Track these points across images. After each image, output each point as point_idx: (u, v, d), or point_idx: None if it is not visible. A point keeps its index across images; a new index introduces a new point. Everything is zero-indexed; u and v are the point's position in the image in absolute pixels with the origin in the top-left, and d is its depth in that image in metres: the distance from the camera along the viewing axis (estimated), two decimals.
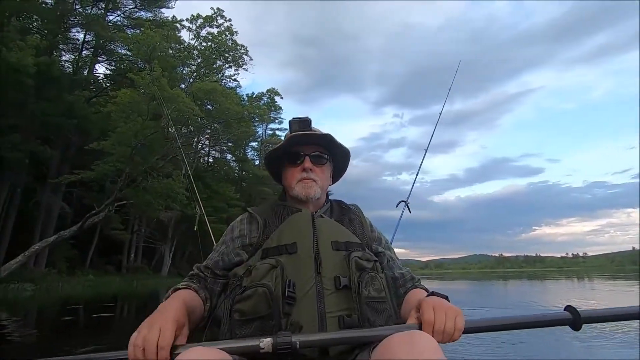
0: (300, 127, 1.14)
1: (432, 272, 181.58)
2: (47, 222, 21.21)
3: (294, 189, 1.13)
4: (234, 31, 20.47)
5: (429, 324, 0.77)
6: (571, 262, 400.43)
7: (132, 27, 24.53)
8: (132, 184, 17.33)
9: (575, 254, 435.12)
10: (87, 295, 13.44)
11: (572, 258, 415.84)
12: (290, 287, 0.88)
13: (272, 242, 1.00)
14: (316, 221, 1.04)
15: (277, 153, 1.19)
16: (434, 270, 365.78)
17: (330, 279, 0.92)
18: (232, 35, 20.60)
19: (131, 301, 11.26)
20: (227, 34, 20.37)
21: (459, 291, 14.08)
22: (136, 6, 25.32)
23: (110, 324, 6.23)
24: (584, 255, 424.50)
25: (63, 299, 11.69)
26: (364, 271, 0.95)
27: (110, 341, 4.36)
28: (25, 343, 4.33)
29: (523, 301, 9.07)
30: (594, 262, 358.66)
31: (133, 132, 14.54)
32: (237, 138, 23.35)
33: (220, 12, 20.20)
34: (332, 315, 0.88)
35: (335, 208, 1.20)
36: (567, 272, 67.59)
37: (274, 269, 0.91)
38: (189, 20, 21.01)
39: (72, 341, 4.41)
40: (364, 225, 1.15)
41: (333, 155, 1.22)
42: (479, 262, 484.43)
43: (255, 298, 0.88)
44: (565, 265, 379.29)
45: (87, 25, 22.06)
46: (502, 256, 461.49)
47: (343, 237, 1.04)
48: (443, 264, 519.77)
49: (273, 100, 28.78)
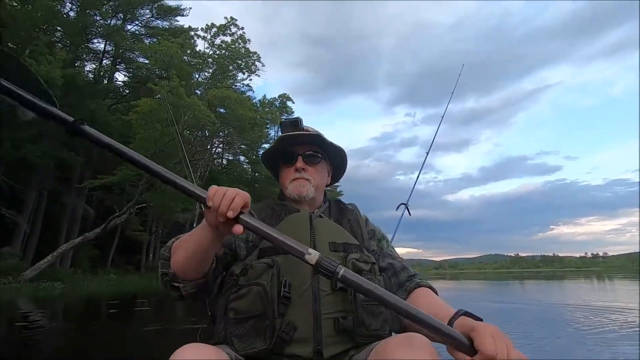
0: (291, 127, 1.15)
1: (447, 272, 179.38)
2: (72, 223, 22.37)
3: (288, 188, 1.14)
4: (246, 39, 21.25)
5: (490, 354, 0.65)
6: (590, 262, 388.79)
7: (149, 36, 25.60)
8: (151, 187, 18.22)
9: (594, 254, 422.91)
10: (112, 292, 14.26)
11: (592, 258, 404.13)
12: (285, 287, 0.88)
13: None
14: (314, 221, 1.04)
15: (271, 154, 1.21)
16: (448, 270, 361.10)
17: (327, 280, 0.91)
18: (245, 44, 21.37)
19: (158, 297, 11.96)
20: (240, 42, 21.15)
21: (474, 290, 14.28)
22: (152, 15, 26.42)
23: (155, 312, 6.96)
24: (604, 255, 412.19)
25: (92, 296, 12.51)
26: (361, 273, 0.93)
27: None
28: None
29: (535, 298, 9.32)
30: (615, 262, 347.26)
31: (153, 138, 15.38)
32: (250, 142, 24.07)
33: (233, 20, 21.00)
34: (328, 316, 0.88)
35: (334, 208, 1.19)
36: (586, 272, 65.74)
37: (270, 268, 0.91)
38: (203, 29, 21.87)
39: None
40: (361, 224, 1.14)
41: (328, 154, 1.22)
42: (495, 262, 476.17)
43: (250, 297, 0.88)
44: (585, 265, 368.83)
45: (108, 35, 23.19)
46: (518, 256, 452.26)
47: (341, 238, 1.03)
48: (457, 264, 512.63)
49: (285, 105, 29.43)
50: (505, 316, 6.39)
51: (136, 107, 15.65)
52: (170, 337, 4.31)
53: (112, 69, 25.11)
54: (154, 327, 5.17)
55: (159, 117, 15.44)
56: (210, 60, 21.33)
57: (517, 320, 5.78)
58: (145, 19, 26.31)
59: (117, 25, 23.86)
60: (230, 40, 20.88)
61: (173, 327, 5.18)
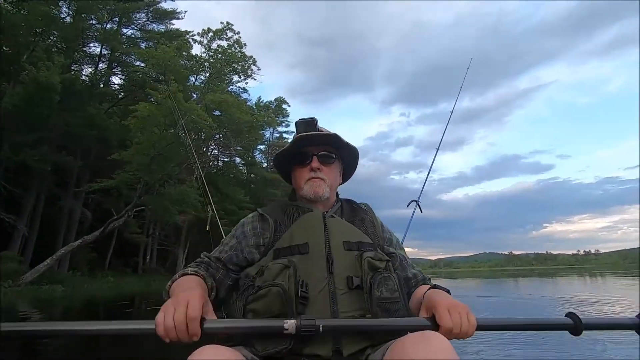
0: (306, 127, 1.15)
1: (442, 271, 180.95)
2: (69, 226, 22.48)
3: (303, 188, 1.14)
4: (242, 44, 21.59)
5: (448, 327, 0.80)
6: (583, 259, 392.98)
7: (146, 40, 25.74)
8: (149, 190, 18.45)
9: (587, 251, 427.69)
10: (112, 294, 14.48)
11: (584, 255, 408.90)
12: (303, 287, 0.89)
13: (284, 242, 1.01)
14: (327, 221, 1.05)
15: (285, 154, 1.20)
16: (443, 269, 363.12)
17: (343, 279, 0.93)
18: (241, 48, 21.68)
19: (159, 297, 12.21)
20: (237, 46, 21.46)
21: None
22: (148, 19, 26.55)
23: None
24: (596, 253, 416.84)
25: (94, 298, 12.74)
26: (377, 271, 0.95)
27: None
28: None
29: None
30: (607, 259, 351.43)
31: (151, 143, 15.65)
32: (246, 144, 24.41)
33: (229, 25, 21.30)
34: (345, 315, 0.89)
35: (346, 207, 1.20)
36: (579, 269, 66.84)
37: (287, 268, 0.92)
38: (200, 34, 22.14)
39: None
40: (376, 225, 1.15)
41: (341, 154, 1.23)
42: (489, 260, 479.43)
43: (269, 297, 0.89)
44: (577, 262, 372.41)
45: (104, 39, 23.31)
46: (512, 254, 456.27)
47: (355, 237, 1.04)
48: (453, 263, 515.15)
49: (281, 108, 29.77)
50: (493, 308, 6.88)
51: (135, 112, 15.87)
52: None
53: (109, 73, 25.24)
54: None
55: (157, 121, 15.70)
56: (207, 64, 21.59)
57: (507, 311, 6.30)
58: (141, 23, 26.46)
59: (113, 30, 23.99)
60: (227, 45, 21.20)
61: None
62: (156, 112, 15.26)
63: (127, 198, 21.44)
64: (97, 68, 24.81)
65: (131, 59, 24.93)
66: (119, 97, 25.48)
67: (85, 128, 18.69)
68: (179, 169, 18.54)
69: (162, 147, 15.98)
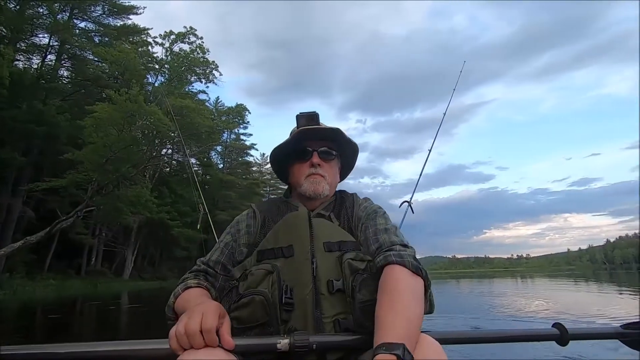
0: (307, 121, 1.09)
1: None
2: (6, 225, 21.02)
3: (302, 185, 1.09)
4: (205, 49, 21.82)
5: None
6: (516, 262, 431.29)
7: (101, 35, 24.81)
8: (101, 191, 18.01)
9: (519, 255, 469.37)
10: (54, 297, 14.12)
11: (517, 259, 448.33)
12: (287, 293, 0.86)
13: (268, 244, 0.98)
14: (312, 221, 1.01)
15: (284, 149, 1.14)
16: None
17: (325, 283, 0.90)
18: (204, 54, 21.89)
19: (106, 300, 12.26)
20: (199, 51, 21.62)
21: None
22: (104, 13, 25.61)
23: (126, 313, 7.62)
24: (526, 257, 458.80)
25: (41, 301, 12.45)
26: (358, 273, 0.90)
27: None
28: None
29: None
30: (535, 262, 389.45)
31: (108, 144, 15.46)
32: (205, 149, 24.56)
33: (193, 30, 21.41)
34: (328, 320, 0.86)
35: (338, 200, 1.15)
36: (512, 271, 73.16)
37: (270, 274, 0.89)
38: (161, 36, 21.96)
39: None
40: (355, 210, 1.09)
41: (341, 151, 1.19)
42: (435, 263, 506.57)
43: (253, 306, 0.86)
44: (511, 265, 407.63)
45: (54, 30, 22.13)
46: (455, 257, 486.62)
47: (336, 236, 0.99)
48: None
49: (241, 114, 30.14)
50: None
51: (93, 112, 15.54)
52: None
53: (57, 65, 23.95)
54: (163, 326, 6.08)
55: (115, 122, 15.54)
56: (167, 66, 21.49)
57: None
58: (96, 16, 25.43)
59: (65, 21, 22.89)
60: (189, 49, 21.29)
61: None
62: (114, 113, 15.12)
63: (73, 197, 20.60)
64: (44, 60, 23.49)
65: (83, 53, 23.92)
66: (70, 92, 24.31)
67: (33, 123, 17.83)
68: (136, 170, 18.35)
69: (120, 149, 15.83)
